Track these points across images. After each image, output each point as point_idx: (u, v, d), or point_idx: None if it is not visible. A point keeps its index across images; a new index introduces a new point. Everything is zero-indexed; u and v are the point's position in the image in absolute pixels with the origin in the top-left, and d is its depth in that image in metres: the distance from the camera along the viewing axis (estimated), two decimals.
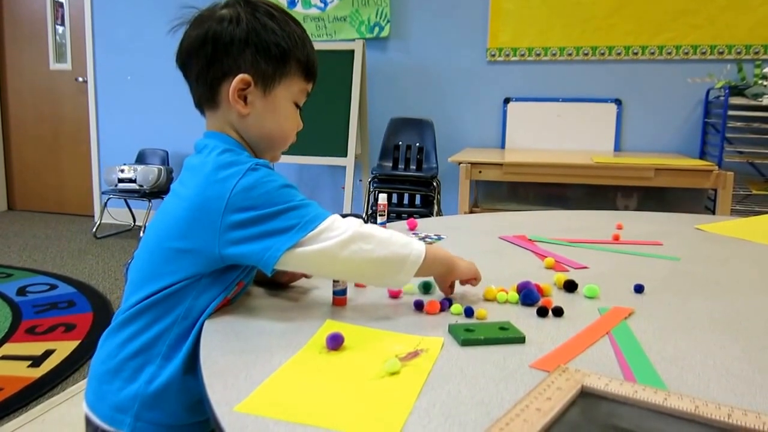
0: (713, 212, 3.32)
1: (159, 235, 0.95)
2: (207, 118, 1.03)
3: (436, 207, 4.04)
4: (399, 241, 0.93)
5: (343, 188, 4.11)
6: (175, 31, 1.01)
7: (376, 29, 4.42)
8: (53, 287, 3.54)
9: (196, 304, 0.92)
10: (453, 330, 0.85)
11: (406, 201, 4.23)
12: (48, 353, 2.60)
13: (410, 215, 3.50)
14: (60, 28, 5.43)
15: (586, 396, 0.67)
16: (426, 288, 1.03)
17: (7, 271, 3.83)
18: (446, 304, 0.95)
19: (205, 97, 1.02)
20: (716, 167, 3.26)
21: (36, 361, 2.53)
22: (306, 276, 1.08)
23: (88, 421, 0.97)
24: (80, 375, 2.44)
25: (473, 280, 1.01)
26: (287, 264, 0.89)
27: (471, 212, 3.45)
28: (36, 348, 2.66)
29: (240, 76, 0.97)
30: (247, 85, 0.98)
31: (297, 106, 1.05)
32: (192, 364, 0.89)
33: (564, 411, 0.63)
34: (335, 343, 0.79)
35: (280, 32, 0.99)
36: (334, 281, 0.97)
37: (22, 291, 3.43)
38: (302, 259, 0.88)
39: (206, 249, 0.90)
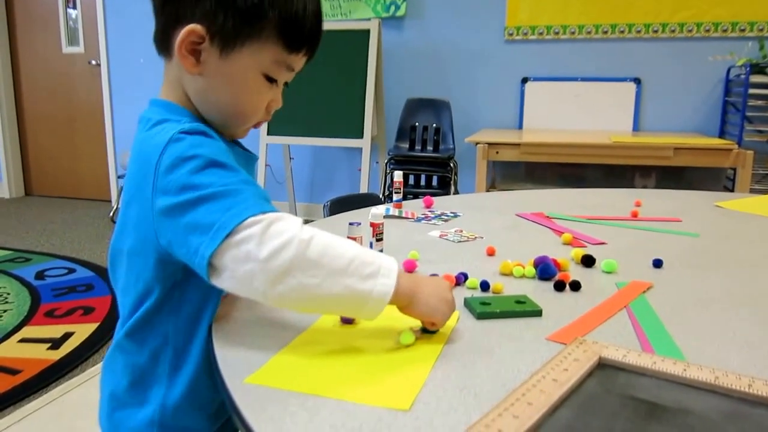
0: (732, 192, 3.27)
1: (114, 237, 0.84)
2: (165, 66, 0.87)
3: (453, 188, 4.02)
4: (359, 271, 0.69)
5: (360, 170, 4.10)
6: None
7: (392, 8, 4.37)
8: (71, 271, 3.56)
9: (179, 319, 0.81)
10: (469, 303, 0.84)
11: (423, 182, 4.21)
12: (67, 336, 2.62)
13: None
14: (72, 12, 5.43)
15: (603, 367, 0.66)
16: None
17: (25, 255, 3.86)
18: (462, 278, 0.94)
19: (158, 40, 0.86)
20: (736, 146, 3.21)
21: (55, 343, 2.55)
22: None
23: None
24: (99, 357, 2.45)
25: (430, 324, 0.74)
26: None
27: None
28: (55, 331, 2.68)
29: (190, 26, 0.79)
30: (202, 39, 0.79)
31: (270, 79, 0.83)
32: (204, 373, 0.81)
33: (581, 382, 0.62)
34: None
35: None
36: None
37: (40, 275, 3.46)
38: (230, 289, 0.71)
39: (150, 242, 0.76)
